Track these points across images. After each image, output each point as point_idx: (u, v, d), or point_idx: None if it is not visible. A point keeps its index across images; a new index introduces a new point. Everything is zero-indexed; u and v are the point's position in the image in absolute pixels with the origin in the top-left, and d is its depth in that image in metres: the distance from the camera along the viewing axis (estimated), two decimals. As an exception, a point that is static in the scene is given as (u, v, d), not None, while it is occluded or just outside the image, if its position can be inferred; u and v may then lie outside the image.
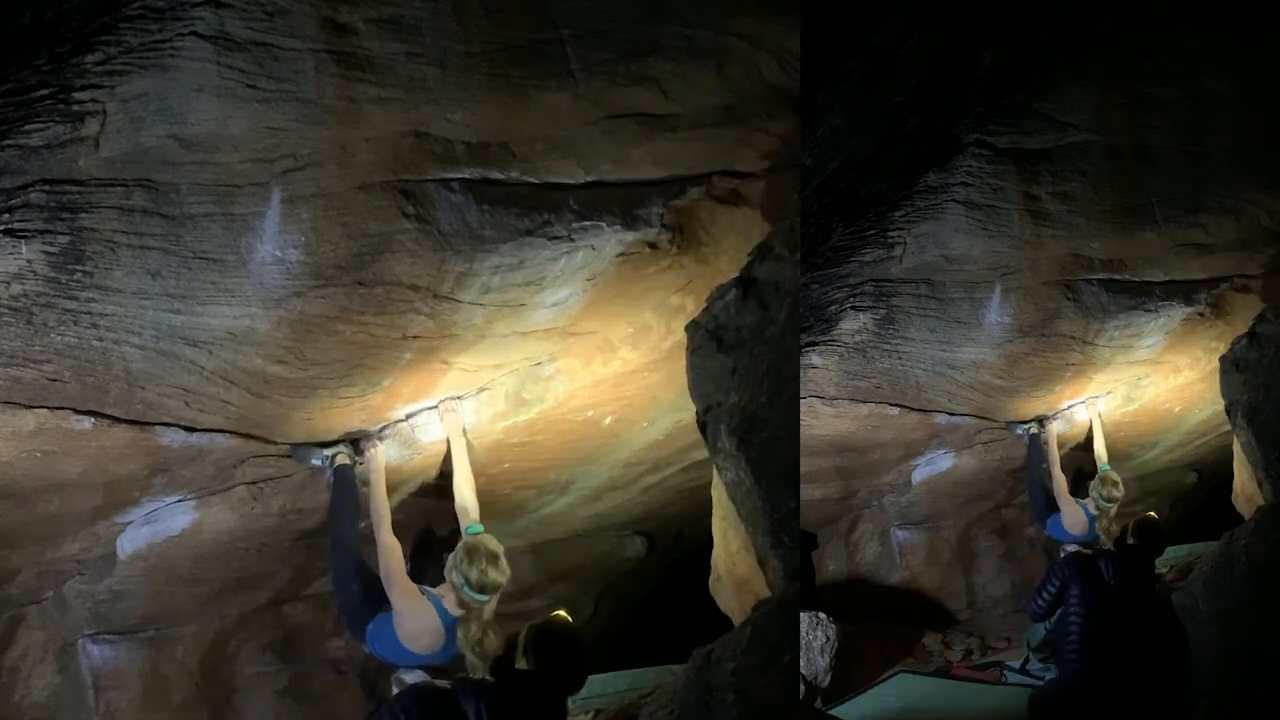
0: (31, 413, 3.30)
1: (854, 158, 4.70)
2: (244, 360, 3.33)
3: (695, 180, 3.52)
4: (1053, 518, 5.55)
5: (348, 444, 3.97)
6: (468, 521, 3.85)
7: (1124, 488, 5.34)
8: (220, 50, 2.78)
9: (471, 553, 3.55)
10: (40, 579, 4.17)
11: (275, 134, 2.89)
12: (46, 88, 2.81)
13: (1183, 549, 6.06)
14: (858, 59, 4.36)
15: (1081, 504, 5.46)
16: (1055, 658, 4.51)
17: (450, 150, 3.08)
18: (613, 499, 5.06)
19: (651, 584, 6.27)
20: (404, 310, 3.34)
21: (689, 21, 3.15)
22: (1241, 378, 5.27)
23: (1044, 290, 5.00)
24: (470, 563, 3.53)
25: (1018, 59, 4.65)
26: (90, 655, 4.36)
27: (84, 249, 2.97)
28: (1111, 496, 5.25)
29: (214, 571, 4.27)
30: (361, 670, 5.06)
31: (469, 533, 3.69)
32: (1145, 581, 4.50)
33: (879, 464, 5.97)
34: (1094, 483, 5.33)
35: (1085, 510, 5.42)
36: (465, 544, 3.59)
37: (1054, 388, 5.48)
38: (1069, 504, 5.49)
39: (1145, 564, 4.55)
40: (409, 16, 2.90)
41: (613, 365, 3.97)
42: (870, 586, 6.35)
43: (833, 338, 5.24)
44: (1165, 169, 4.89)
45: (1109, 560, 4.36)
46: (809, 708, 4.87)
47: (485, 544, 3.60)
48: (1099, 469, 5.49)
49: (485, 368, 3.87)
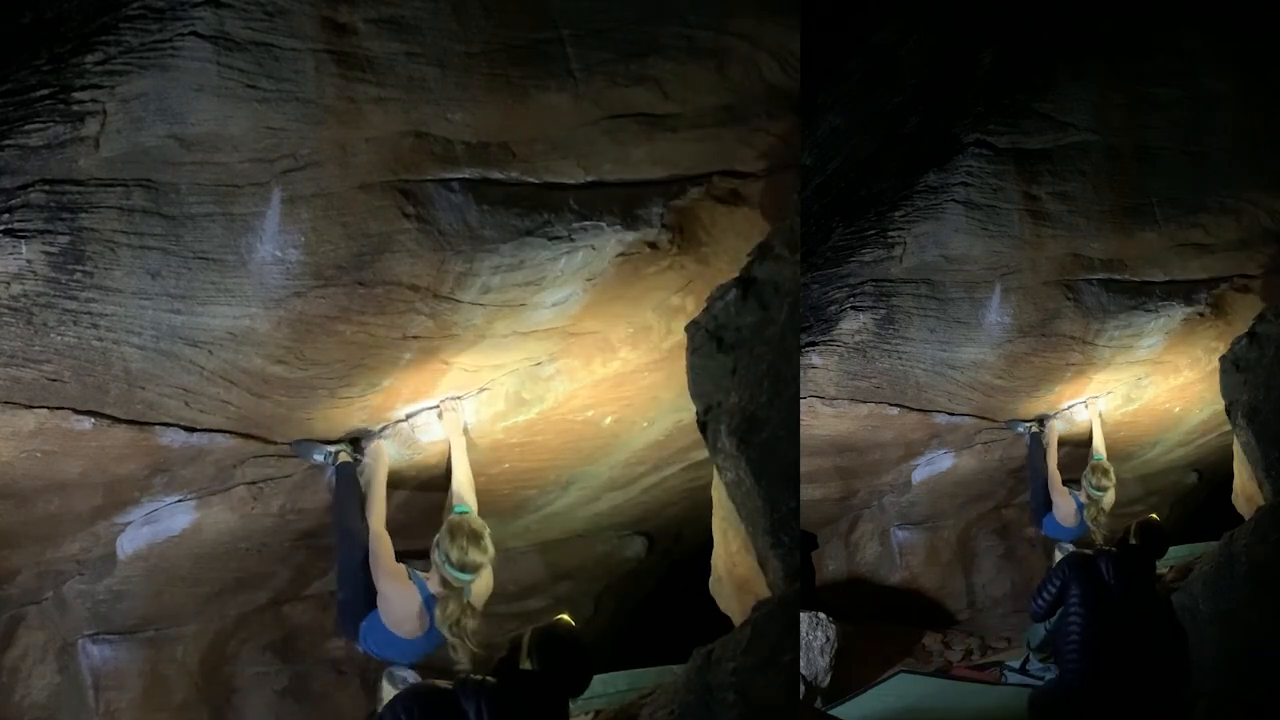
0: (31, 413, 3.30)
1: (854, 158, 4.70)
2: (244, 360, 3.33)
3: (695, 180, 3.52)
4: (1047, 516, 5.63)
5: (349, 443, 3.97)
6: (456, 503, 3.89)
7: (1114, 477, 5.45)
8: (220, 50, 2.78)
9: (454, 530, 3.61)
10: (40, 579, 4.17)
11: (275, 134, 2.89)
12: (46, 88, 2.81)
13: (1183, 549, 6.07)
14: (858, 59, 4.36)
15: (1074, 494, 5.56)
16: (1055, 658, 4.51)
17: (450, 150, 3.08)
18: (613, 499, 5.06)
19: (651, 584, 6.27)
20: (404, 310, 3.34)
21: (689, 21, 3.15)
22: (1241, 378, 5.28)
23: (1044, 290, 5.00)
24: (452, 540, 3.60)
25: (1018, 59, 4.65)
26: (90, 655, 4.35)
27: (84, 249, 2.97)
28: (1101, 485, 5.37)
29: (214, 571, 4.27)
30: (361, 670, 5.05)
31: (455, 511, 3.74)
32: (1146, 582, 4.50)
33: (879, 464, 5.97)
34: (1086, 471, 5.46)
35: (1075, 499, 5.52)
36: (449, 521, 3.65)
37: (1054, 388, 5.48)
38: (1062, 495, 5.58)
39: (1146, 565, 4.55)
40: (409, 16, 2.90)
41: (613, 365, 3.97)
42: (870, 586, 6.34)
43: (833, 338, 5.24)
44: (1165, 169, 4.89)
45: (1110, 560, 4.36)
46: (809, 708, 4.87)
47: (468, 523, 3.66)
48: (1092, 458, 5.58)
49: (485, 368, 3.87)
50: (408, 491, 4.24)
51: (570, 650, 2.94)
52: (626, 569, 5.83)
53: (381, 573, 3.73)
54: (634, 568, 5.85)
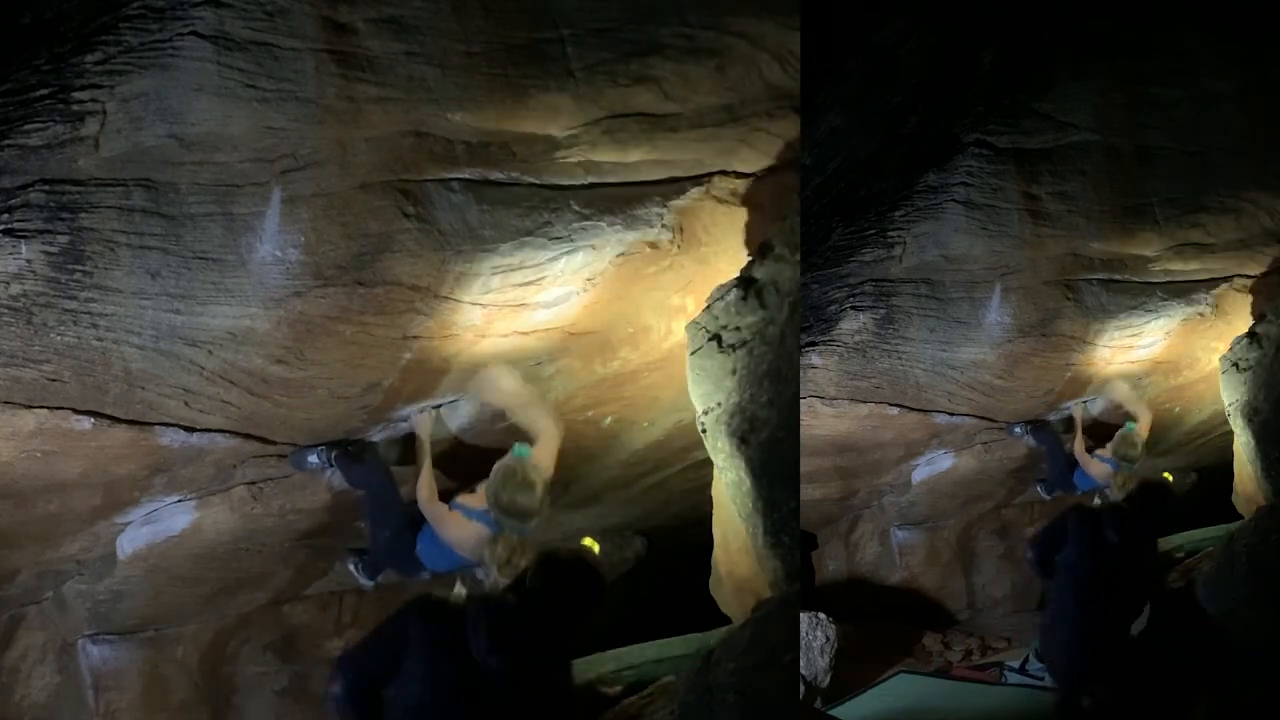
0: (31, 413, 3.30)
1: (854, 158, 4.70)
2: (244, 360, 3.33)
3: (695, 180, 3.52)
4: (1077, 472, 5.54)
5: (339, 444, 3.95)
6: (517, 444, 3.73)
7: (1142, 450, 5.27)
8: (220, 50, 2.77)
9: (506, 475, 3.52)
10: (40, 579, 4.17)
11: (275, 134, 2.88)
12: (46, 88, 2.81)
13: (1195, 533, 6.06)
14: (858, 59, 4.36)
15: (1099, 455, 5.46)
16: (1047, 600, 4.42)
17: (450, 150, 3.08)
18: (613, 499, 5.06)
19: (652, 584, 6.27)
20: (404, 310, 3.34)
21: (689, 21, 3.15)
22: (1241, 378, 5.28)
23: (1044, 290, 5.00)
24: (503, 484, 3.50)
25: (1018, 59, 4.65)
26: (90, 655, 4.36)
27: (84, 249, 2.97)
28: (1127, 456, 5.21)
29: (214, 571, 4.27)
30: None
31: (515, 454, 3.61)
32: (1145, 539, 4.40)
33: (879, 464, 5.96)
34: (1114, 440, 5.30)
35: (1109, 462, 5.40)
36: (503, 464, 3.54)
37: (1054, 388, 5.48)
38: (1093, 463, 5.48)
39: (1147, 522, 4.47)
40: (409, 16, 2.90)
41: (613, 365, 3.97)
42: (870, 586, 6.34)
43: (833, 338, 5.24)
44: (1165, 169, 4.89)
45: (1113, 515, 4.28)
46: (809, 708, 4.87)
47: (523, 469, 3.54)
48: (1125, 426, 5.42)
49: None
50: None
51: (573, 572, 2.82)
52: (626, 569, 5.83)
53: (429, 508, 3.72)
54: (634, 568, 5.85)
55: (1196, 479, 7.20)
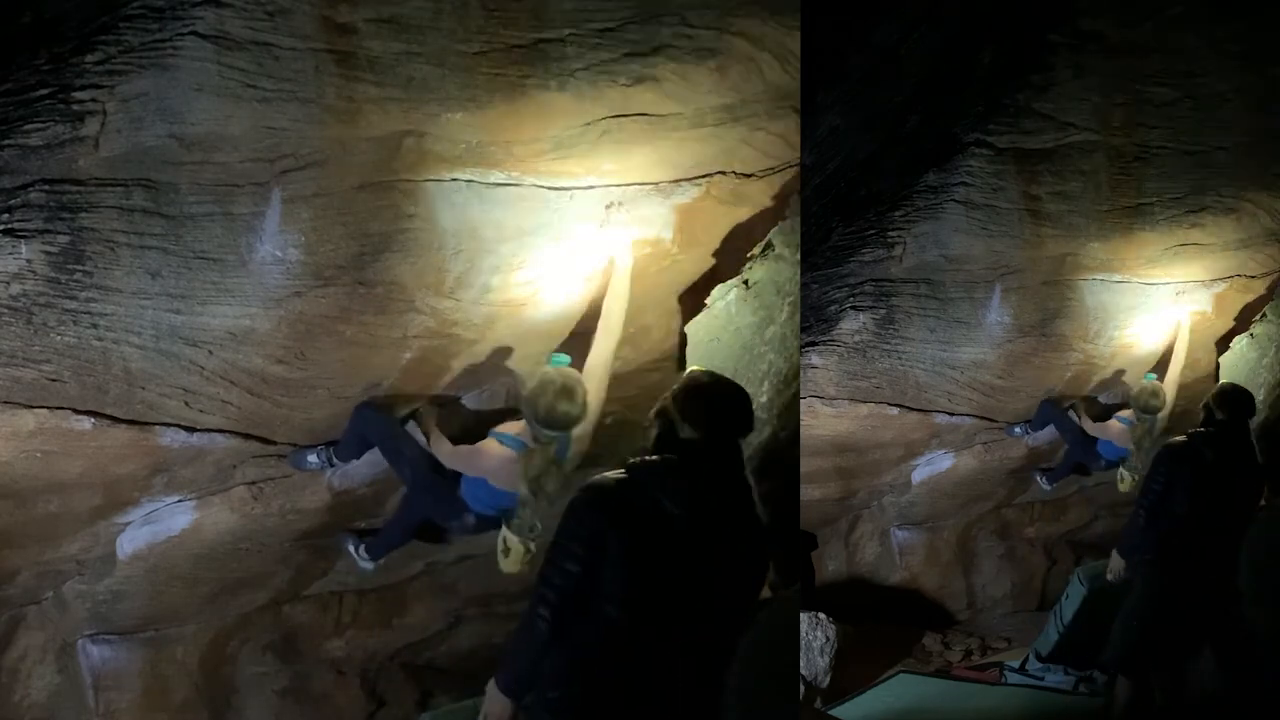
0: (31, 413, 3.29)
1: (854, 158, 4.70)
2: (244, 360, 3.33)
3: (695, 180, 3.52)
4: (1100, 443, 5.50)
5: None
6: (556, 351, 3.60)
7: (1168, 400, 5.19)
8: (220, 50, 2.77)
9: (545, 382, 3.36)
10: (40, 579, 4.17)
11: (275, 134, 2.88)
12: (46, 88, 2.80)
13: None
14: (858, 58, 4.36)
15: (1117, 416, 5.43)
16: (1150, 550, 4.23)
17: (450, 150, 3.08)
18: (613, 499, 5.04)
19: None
20: (404, 310, 3.35)
21: (690, 21, 3.15)
22: (1241, 377, 5.28)
23: (1044, 290, 5.00)
24: (540, 394, 3.35)
25: (1018, 59, 4.64)
26: (90, 655, 4.35)
27: (84, 249, 2.97)
28: (1150, 405, 5.11)
29: (214, 571, 4.27)
30: (361, 670, 5.06)
31: (552, 362, 3.47)
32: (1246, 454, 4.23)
33: (879, 464, 5.96)
34: (1136, 392, 5.21)
35: (1122, 420, 5.39)
36: (541, 375, 3.39)
37: (1054, 388, 5.48)
38: (1106, 430, 5.44)
39: (1242, 435, 4.25)
40: (409, 16, 2.89)
41: (613, 365, 3.97)
42: (870, 586, 6.34)
43: (833, 338, 5.23)
44: (1165, 169, 4.88)
45: (1207, 441, 4.13)
46: (809, 708, 4.87)
47: (562, 376, 3.38)
48: (1145, 378, 5.33)
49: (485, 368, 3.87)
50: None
51: (716, 397, 2.68)
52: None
53: (447, 453, 3.61)
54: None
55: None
